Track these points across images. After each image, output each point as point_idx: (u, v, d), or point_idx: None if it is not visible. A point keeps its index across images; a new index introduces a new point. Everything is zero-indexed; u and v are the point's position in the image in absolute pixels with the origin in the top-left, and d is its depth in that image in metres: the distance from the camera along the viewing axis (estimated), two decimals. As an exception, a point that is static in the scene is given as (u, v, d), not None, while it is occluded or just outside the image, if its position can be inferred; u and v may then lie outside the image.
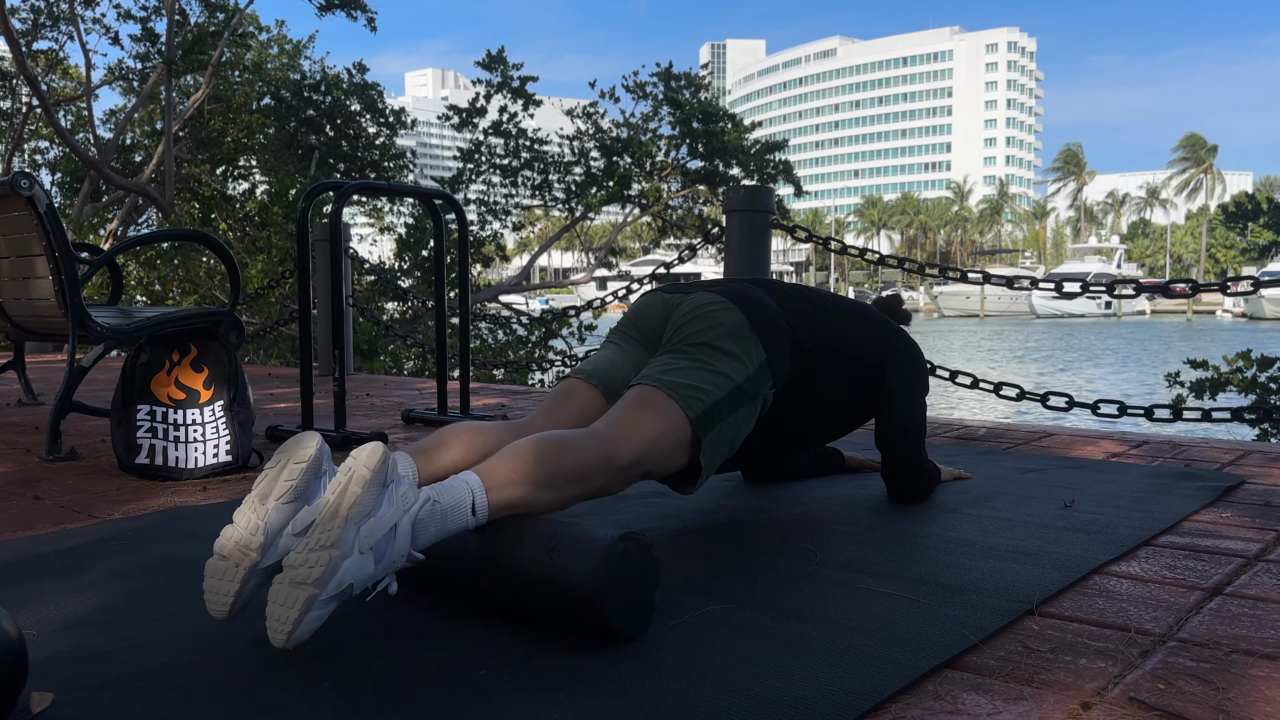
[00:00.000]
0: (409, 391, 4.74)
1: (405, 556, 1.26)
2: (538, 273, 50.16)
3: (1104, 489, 2.25)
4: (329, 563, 1.17)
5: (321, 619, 1.18)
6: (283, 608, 1.17)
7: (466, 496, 1.34)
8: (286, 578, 1.18)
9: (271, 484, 1.33)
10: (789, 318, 1.84)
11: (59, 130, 9.45)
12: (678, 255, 4.64)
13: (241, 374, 2.65)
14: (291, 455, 1.35)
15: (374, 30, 11.29)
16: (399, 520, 1.25)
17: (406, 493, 1.27)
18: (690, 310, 1.77)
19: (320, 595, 1.17)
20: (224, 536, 1.30)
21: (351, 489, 1.22)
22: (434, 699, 1.11)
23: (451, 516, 1.32)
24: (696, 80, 12.58)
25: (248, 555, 1.27)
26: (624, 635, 1.28)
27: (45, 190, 2.68)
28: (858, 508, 2.06)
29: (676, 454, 1.60)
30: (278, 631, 1.17)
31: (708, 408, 1.62)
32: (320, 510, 1.22)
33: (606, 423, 1.56)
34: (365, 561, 1.21)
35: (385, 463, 1.25)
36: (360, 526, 1.21)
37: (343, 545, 1.18)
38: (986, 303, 54.67)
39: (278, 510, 1.31)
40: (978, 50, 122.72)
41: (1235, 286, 3.43)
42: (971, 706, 1.10)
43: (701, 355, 1.69)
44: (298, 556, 1.19)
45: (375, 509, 1.23)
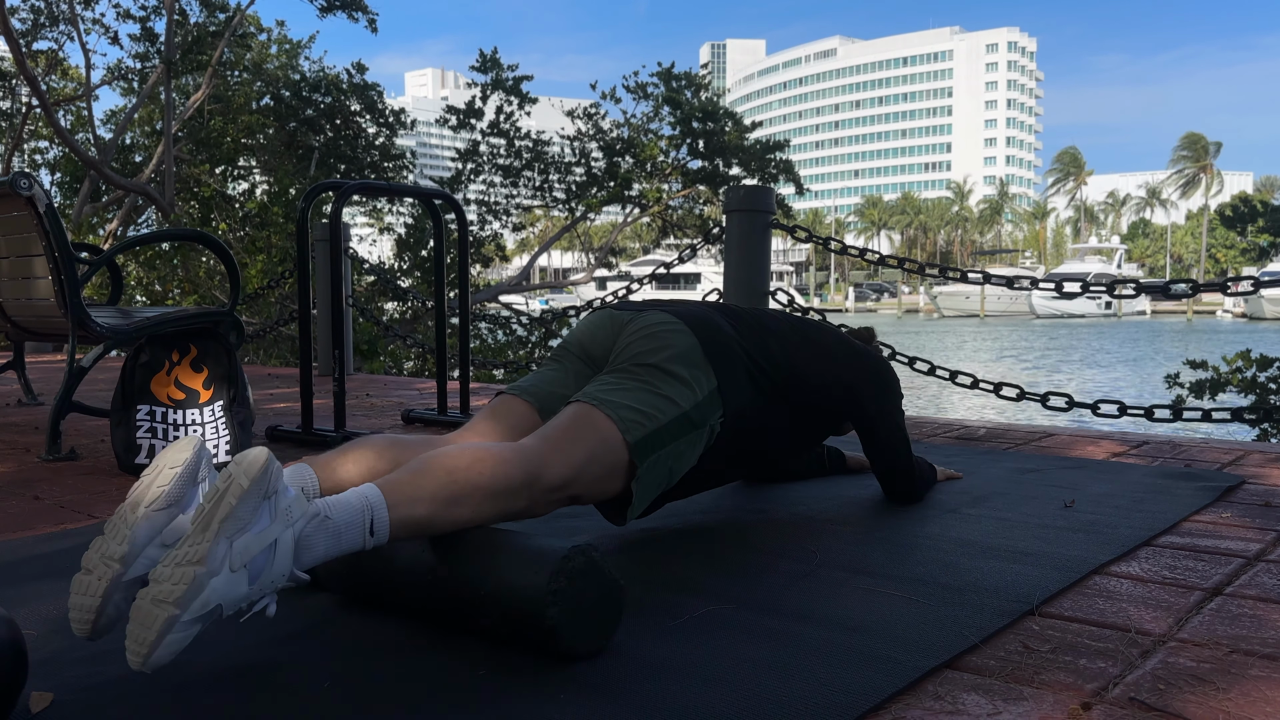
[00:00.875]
0: (409, 391, 4.74)
1: (286, 576, 1.15)
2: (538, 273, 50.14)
3: (1104, 489, 2.25)
4: (193, 580, 1.06)
5: (184, 641, 1.07)
6: (141, 627, 1.06)
7: (363, 514, 1.22)
8: (149, 594, 1.07)
9: (144, 491, 1.23)
10: (745, 344, 1.75)
11: (59, 130, 9.45)
12: (678, 255, 4.64)
13: (241, 374, 2.65)
14: (166, 460, 1.25)
15: (375, 31, 11.30)
16: (280, 536, 1.13)
17: (291, 506, 1.15)
18: (640, 329, 1.67)
19: (182, 616, 1.05)
20: (91, 548, 1.20)
21: (227, 500, 1.10)
22: (434, 699, 1.11)
23: (345, 535, 1.20)
24: (697, 80, 12.58)
25: (110, 567, 1.17)
26: (576, 653, 1.21)
27: (45, 190, 2.68)
28: (858, 508, 2.06)
29: (609, 480, 1.50)
30: (134, 653, 1.06)
31: (648, 433, 1.52)
32: (192, 520, 1.11)
33: (536, 439, 1.45)
34: (237, 580, 1.09)
35: (267, 471, 1.13)
36: (234, 541, 1.09)
37: (210, 562, 1.07)
38: (986, 303, 54.68)
39: (148, 519, 1.20)
40: (978, 50, 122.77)
41: (1235, 287, 3.42)
42: (971, 706, 1.10)
43: (647, 377, 1.59)
44: (163, 570, 1.08)
45: (252, 523, 1.11)
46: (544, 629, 1.19)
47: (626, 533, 1.86)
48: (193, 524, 1.11)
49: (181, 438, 1.40)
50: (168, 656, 1.06)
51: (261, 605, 1.15)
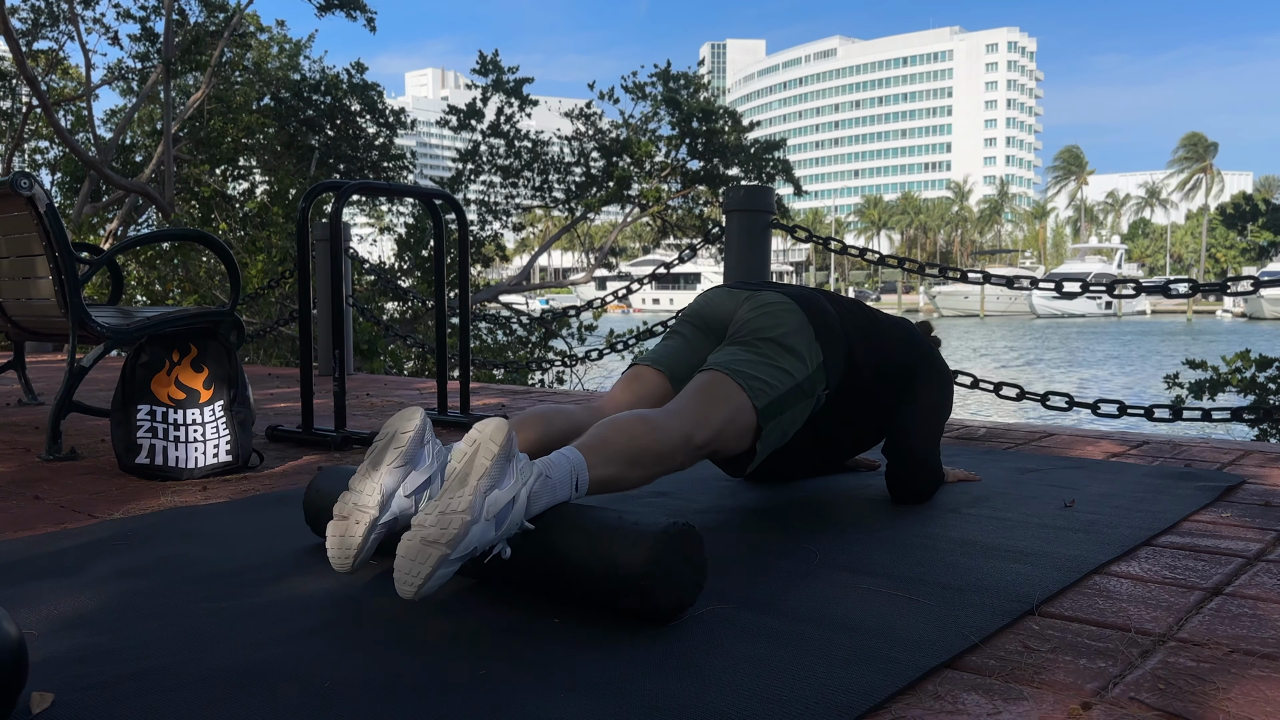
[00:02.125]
0: (409, 391, 4.74)
1: (520, 525, 1.36)
2: (538, 273, 50.12)
3: (1104, 489, 2.25)
4: (461, 526, 1.27)
5: (448, 576, 1.29)
6: (414, 562, 1.27)
7: (571, 473, 1.45)
8: (418, 536, 1.27)
9: (382, 453, 1.46)
10: (846, 326, 1.95)
11: (59, 130, 9.45)
12: (678, 255, 4.64)
13: (241, 374, 2.65)
14: (399, 427, 1.47)
15: (373, 30, 11.29)
16: (518, 493, 1.35)
17: (525, 467, 1.37)
18: (758, 306, 1.88)
19: (451, 555, 1.27)
20: (341, 501, 1.44)
21: (480, 460, 1.32)
22: (434, 699, 1.11)
23: (559, 490, 1.42)
24: (695, 80, 12.58)
25: (367, 513, 1.41)
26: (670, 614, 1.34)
27: (45, 190, 2.68)
28: (858, 508, 2.06)
29: (741, 439, 1.73)
30: (408, 585, 1.27)
31: (772, 400, 1.74)
32: (448, 477, 1.32)
33: (682, 404, 1.67)
34: (489, 528, 1.31)
35: (510, 439, 1.34)
36: (487, 496, 1.31)
37: (473, 511, 1.29)
38: (986, 303, 54.69)
39: (390, 474, 1.44)
40: (978, 50, 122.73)
41: (1235, 287, 3.43)
42: (971, 706, 1.10)
43: (767, 350, 1.80)
44: (428, 518, 1.28)
45: (500, 480, 1.33)
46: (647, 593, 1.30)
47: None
48: (448, 479, 1.32)
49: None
50: (434, 588, 1.29)
51: (499, 549, 1.35)
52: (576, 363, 5.52)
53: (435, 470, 1.49)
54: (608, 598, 1.35)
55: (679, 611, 1.36)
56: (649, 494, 2.18)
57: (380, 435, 1.49)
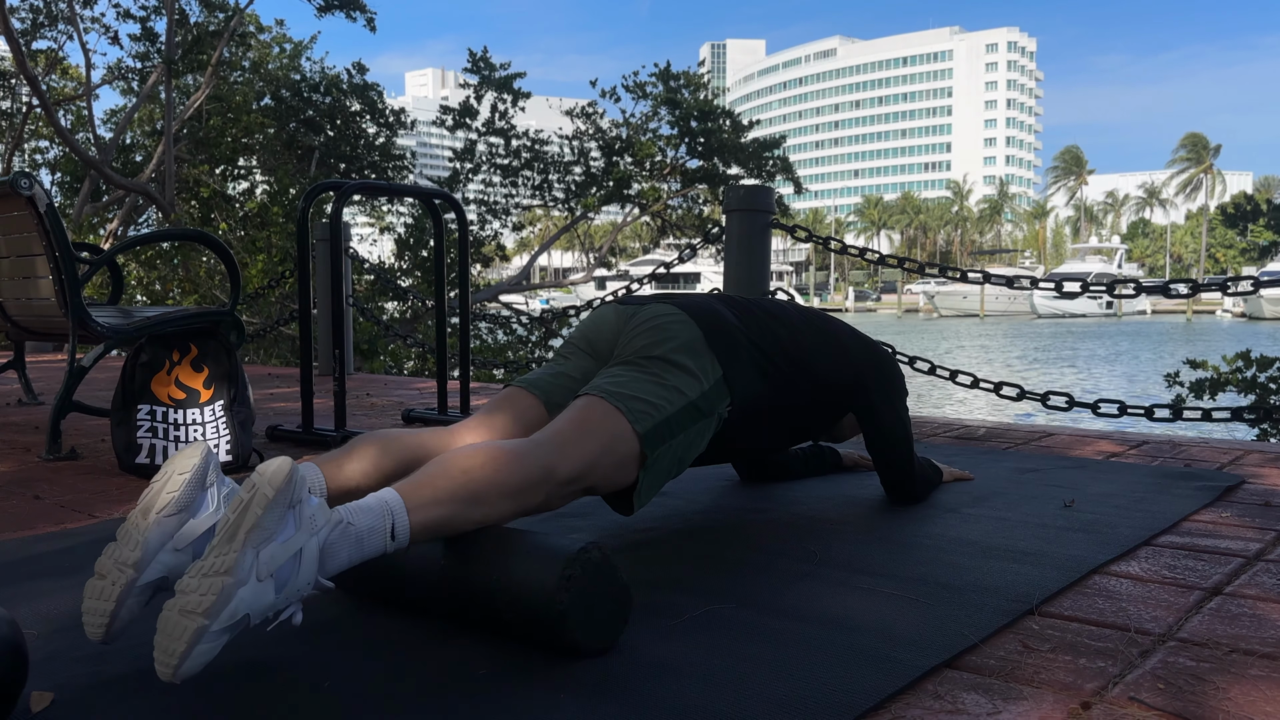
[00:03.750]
0: (409, 391, 4.74)
1: (312, 584, 1.16)
2: (537, 272, 50.09)
3: (1104, 489, 2.25)
4: (221, 591, 1.06)
5: (213, 651, 1.07)
6: (170, 639, 1.06)
7: (385, 519, 1.23)
8: (176, 605, 1.07)
9: (155, 497, 1.24)
10: (750, 332, 1.77)
11: (59, 130, 9.45)
12: (678, 255, 4.64)
13: (242, 374, 2.65)
14: (175, 467, 1.27)
15: (373, 30, 11.28)
16: (305, 545, 1.14)
17: (315, 514, 1.16)
18: (643, 322, 1.70)
19: (211, 627, 1.06)
20: (104, 554, 1.21)
21: (253, 510, 1.11)
22: (434, 699, 1.11)
23: (368, 541, 1.21)
24: (695, 79, 12.58)
25: (124, 572, 1.19)
26: (590, 650, 1.23)
27: (45, 190, 2.68)
28: (858, 508, 2.06)
29: (622, 470, 1.52)
30: (164, 664, 1.06)
31: (657, 423, 1.54)
32: (217, 531, 1.12)
33: (548, 433, 1.46)
34: (264, 590, 1.10)
35: (291, 481, 1.14)
36: (260, 551, 1.10)
37: (238, 572, 1.08)
38: (987, 303, 54.69)
39: (159, 524, 1.22)
40: (978, 50, 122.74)
41: (1235, 287, 3.43)
42: (971, 706, 1.10)
43: (653, 368, 1.61)
44: (189, 582, 1.08)
45: (278, 532, 1.12)
46: (556, 625, 1.20)
47: (626, 533, 1.86)
48: (218, 534, 1.11)
49: (188, 444, 1.40)
50: (197, 667, 1.07)
51: (288, 614, 1.16)
52: None
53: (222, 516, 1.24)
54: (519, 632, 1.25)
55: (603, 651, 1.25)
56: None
57: (157, 475, 1.27)
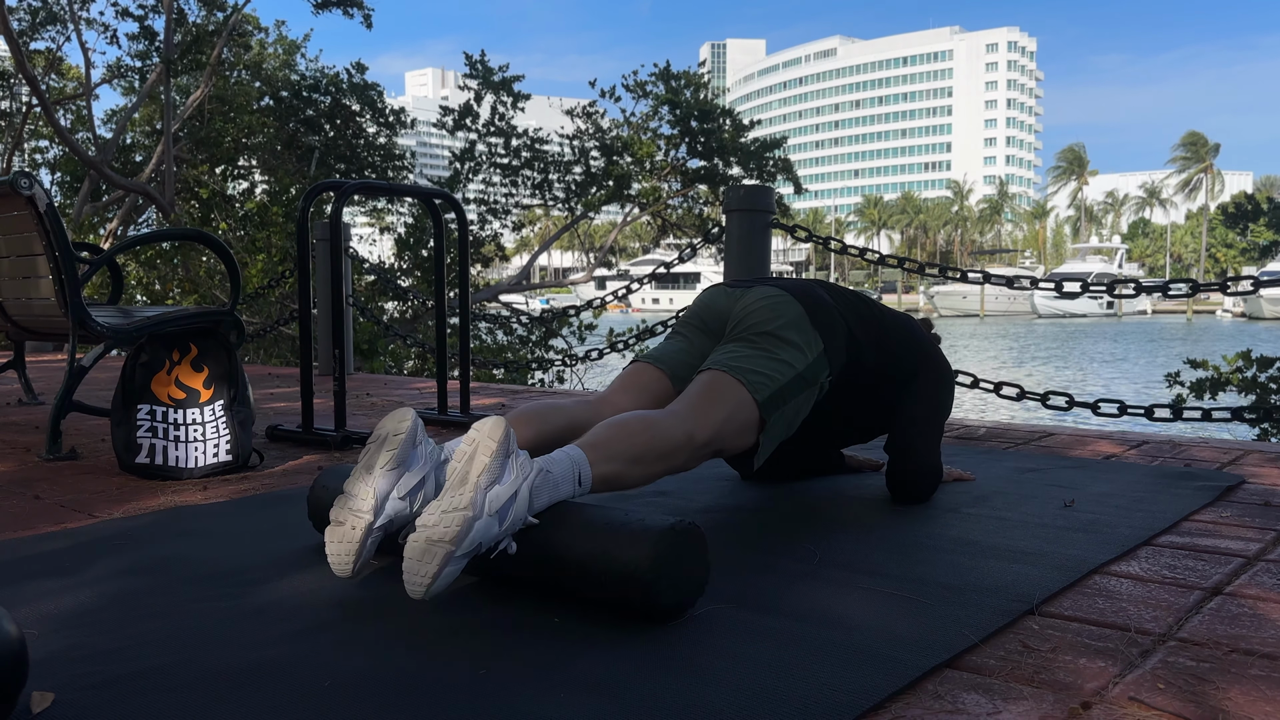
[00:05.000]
0: (409, 391, 4.74)
1: (524, 520, 1.37)
2: (537, 272, 50.11)
3: (1104, 489, 2.25)
4: (464, 523, 1.29)
5: (455, 574, 1.30)
6: (420, 563, 1.28)
7: (573, 469, 1.47)
8: (422, 536, 1.29)
9: (375, 455, 1.46)
10: (844, 312, 1.97)
11: (59, 130, 9.45)
12: (678, 255, 4.64)
13: (242, 373, 2.65)
14: (391, 429, 1.47)
15: (369, 27, 11.28)
16: (519, 487, 1.37)
17: (525, 462, 1.39)
18: (753, 302, 1.90)
19: (456, 552, 1.28)
20: (338, 505, 1.44)
21: (479, 458, 1.34)
22: (434, 699, 1.11)
23: (561, 486, 1.44)
24: (695, 79, 12.58)
25: (362, 518, 1.41)
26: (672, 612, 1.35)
27: (45, 190, 2.68)
28: (858, 508, 2.06)
29: (744, 434, 1.74)
30: (417, 585, 1.29)
31: (773, 392, 1.76)
32: (449, 477, 1.34)
33: (683, 405, 1.69)
34: (492, 523, 1.32)
35: (508, 435, 1.36)
36: (488, 492, 1.33)
37: (474, 508, 1.30)
38: (987, 303, 54.68)
39: (384, 476, 1.44)
40: (978, 50, 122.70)
41: (1234, 287, 3.43)
42: (971, 706, 1.10)
43: (766, 344, 1.82)
44: (431, 517, 1.30)
45: (501, 476, 1.35)
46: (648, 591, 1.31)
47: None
48: (450, 479, 1.34)
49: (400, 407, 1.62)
50: (444, 586, 1.30)
51: (504, 544, 1.37)
52: (576, 362, 5.52)
53: (429, 471, 1.49)
54: (610, 595, 1.35)
55: (681, 610, 1.36)
56: (649, 493, 2.18)
57: (372, 438, 1.49)
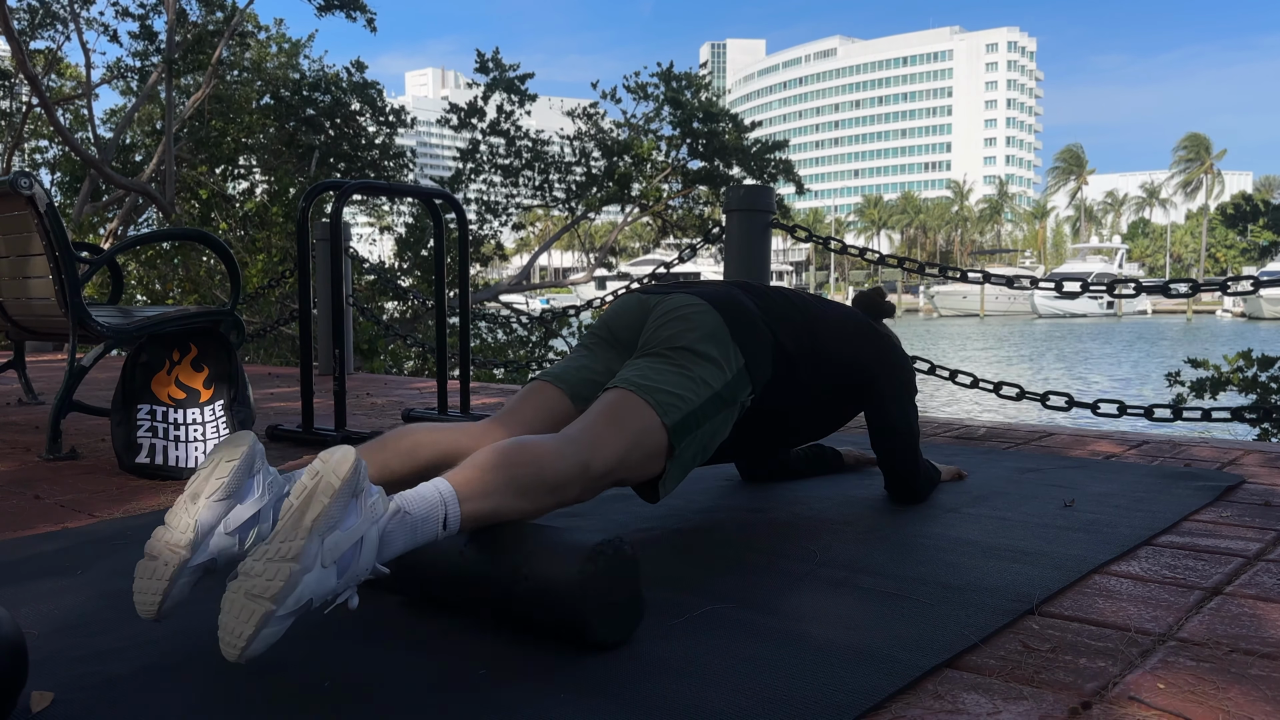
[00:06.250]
0: (409, 391, 4.74)
1: (370, 570, 1.19)
2: (538, 272, 50.11)
3: (1104, 489, 2.25)
4: (289, 577, 1.09)
5: (278, 634, 1.10)
6: (237, 620, 1.09)
7: (439, 509, 1.26)
8: (242, 588, 1.10)
9: (203, 483, 1.29)
10: (769, 320, 1.79)
11: (59, 129, 9.45)
12: (678, 255, 4.64)
13: (242, 373, 2.65)
14: (224, 454, 1.31)
15: (374, 30, 11.28)
16: (366, 533, 1.17)
17: (376, 503, 1.19)
18: (667, 312, 1.70)
19: (278, 611, 1.08)
20: (154, 537, 1.25)
21: (318, 498, 1.13)
22: (434, 698, 1.11)
23: (421, 529, 1.24)
24: (697, 80, 12.59)
25: (177, 553, 1.23)
26: (607, 641, 1.25)
27: (45, 189, 2.68)
28: (858, 508, 2.06)
29: (651, 462, 1.55)
30: (231, 645, 1.09)
31: (685, 415, 1.57)
32: (282, 516, 1.15)
33: (580, 429, 1.49)
34: (327, 575, 1.13)
35: (356, 471, 1.16)
36: (325, 539, 1.13)
37: (304, 559, 1.10)
38: (987, 303, 54.69)
39: (209, 508, 1.27)
40: (978, 50, 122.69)
41: (1235, 287, 3.43)
42: (971, 706, 1.10)
43: (679, 359, 1.63)
44: (255, 565, 1.11)
45: (342, 520, 1.14)
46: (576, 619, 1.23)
47: (626, 531, 1.86)
48: (283, 520, 1.14)
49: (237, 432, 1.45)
50: (262, 649, 1.09)
51: (345, 597, 1.18)
52: None
53: (267, 503, 1.32)
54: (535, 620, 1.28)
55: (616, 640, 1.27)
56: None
57: (205, 462, 1.31)
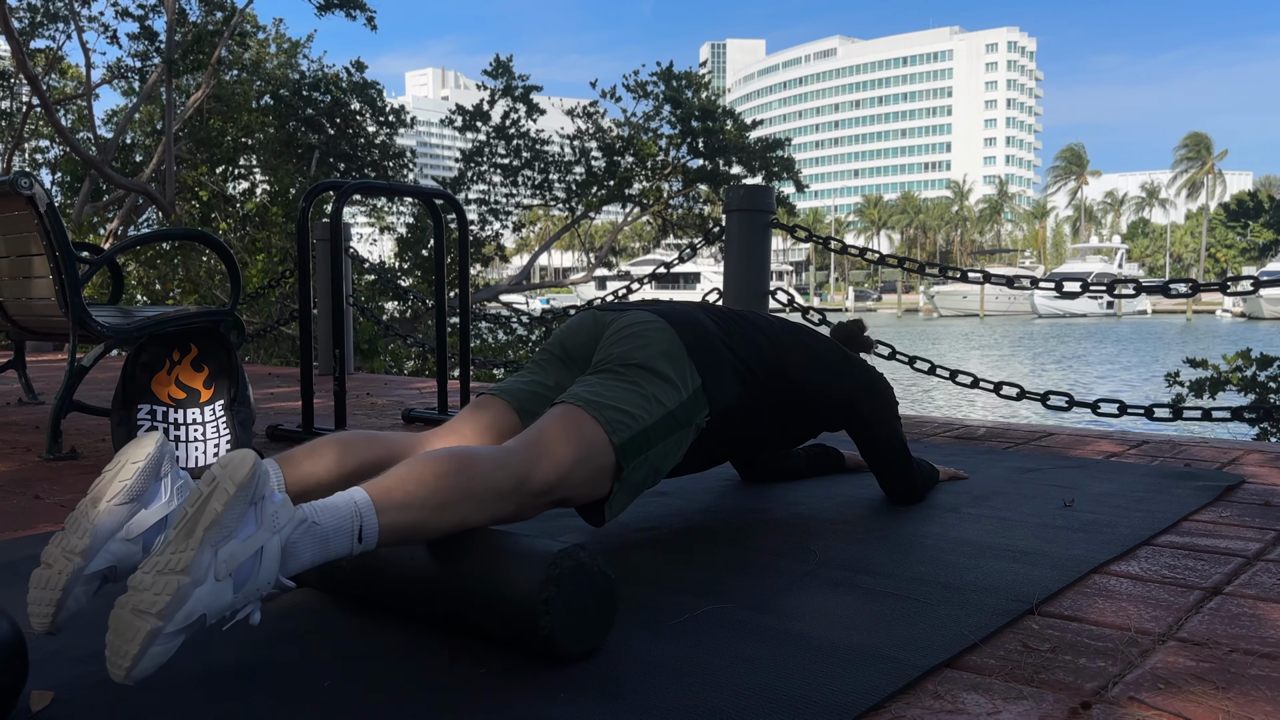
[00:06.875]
0: (409, 391, 4.74)
1: (272, 583, 1.11)
2: (538, 272, 50.12)
3: (1104, 489, 2.25)
4: (177, 590, 1.01)
5: (168, 653, 1.02)
6: (122, 639, 1.01)
7: (352, 520, 1.17)
8: (129, 603, 1.02)
9: (106, 485, 1.21)
10: (730, 342, 1.74)
11: (59, 129, 9.45)
12: (678, 255, 4.64)
13: (242, 373, 2.65)
14: (129, 455, 1.23)
15: (374, 29, 11.29)
16: (266, 543, 1.09)
17: (277, 512, 1.11)
18: (622, 329, 1.64)
19: (165, 628, 1.00)
20: (51, 543, 1.19)
21: (211, 506, 1.06)
22: (434, 699, 1.11)
23: (333, 541, 1.16)
24: (697, 79, 12.60)
25: (71, 560, 1.15)
26: (575, 653, 1.21)
27: (46, 190, 2.68)
28: (858, 508, 2.06)
29: (596, 482, 1.46)
30: (116, 665, 1.01)
31: (635, 434, 1.49)
32: (173, 525, 1.07)
33: (522, 442, 1.41)
34: (222, 589, 1.05)
35: (254, 476, 1.08)
36: (219, 550, 1.05)
37: (195, 571, 1.02)
38: (987, 303, 54.68)
39: (109, 513, 1.19)
40: (978, 50, 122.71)
41: (1234, 287, 3.43)
42: (971, 706, 1.10)
43: (632, 376, 1.56)
44: (143, 579, 1.03)
45: (238, 530, 1.07)
46: (537, 633, 1.19)
47: (626, 532, 1.86)
48: (174, 529, 1.06)
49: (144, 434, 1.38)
50: (151, 668, 1.02)
51: (245, 613, 1.11)
52: None
53: (176, 508, 1.25)
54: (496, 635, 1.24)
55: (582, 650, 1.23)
56: (649, 493, 2.18)
57: (109, 465, 1.23)
